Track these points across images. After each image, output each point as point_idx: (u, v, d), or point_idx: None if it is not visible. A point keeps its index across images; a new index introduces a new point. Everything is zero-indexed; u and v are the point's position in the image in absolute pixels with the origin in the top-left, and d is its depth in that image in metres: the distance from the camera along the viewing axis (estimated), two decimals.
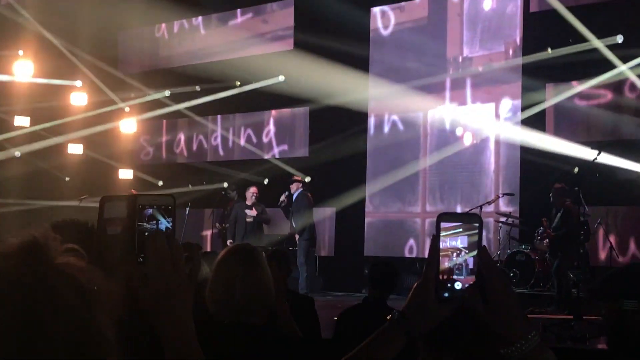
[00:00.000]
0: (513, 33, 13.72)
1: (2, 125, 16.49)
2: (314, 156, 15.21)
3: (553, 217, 11.28)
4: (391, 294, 5.34)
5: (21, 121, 16.31)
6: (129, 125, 17.14)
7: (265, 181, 15.51)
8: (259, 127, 16.79)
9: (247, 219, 13.50)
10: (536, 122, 13.00)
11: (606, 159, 11.03)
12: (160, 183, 17.18)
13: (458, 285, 1.46)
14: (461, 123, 14.02)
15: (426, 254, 1.51)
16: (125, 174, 17.15)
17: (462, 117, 14.03)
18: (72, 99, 16.58)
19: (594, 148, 10.30)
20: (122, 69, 18.06)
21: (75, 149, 17.00)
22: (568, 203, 10.97)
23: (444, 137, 14.25)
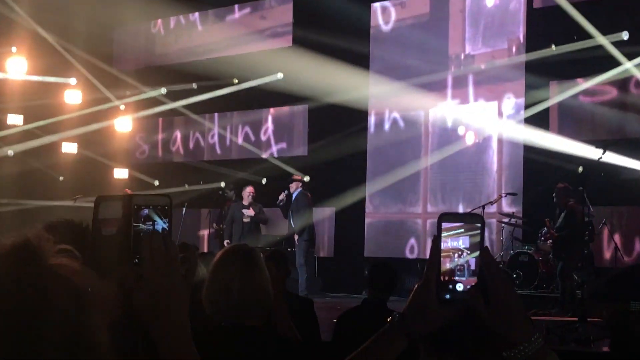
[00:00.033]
0: (516, 29, 13.72)
1: None
2: (313, 155, 15.20)
3: (557, 217, 11.27)
4: (391, 295, 5.34)
5: (14, 119, 16.30)
6: (124, 124, 17.13)
7: (264, 181, 15.51)
8: (257, 126, 16.79)
9: (244, 219, 13.47)
10: (540, 121, 13.00)
11: (611, 158, 11.04)
12: (156, 183, 17.17)
13: (460, 286, 1.46)
14: (463, 121, 14.02)
15: (427, 254, 1.51)
16: (121, 173, 17.14)
17: (464, 116, 14.03)
18: (67, 96, 16.57)
19: (598, 147, 10.29)
20: (118, 66, 18.05)
21: (70, 147, 16.99)
22: (572, 203, 10.96)
23: (445, 135, 14.25)
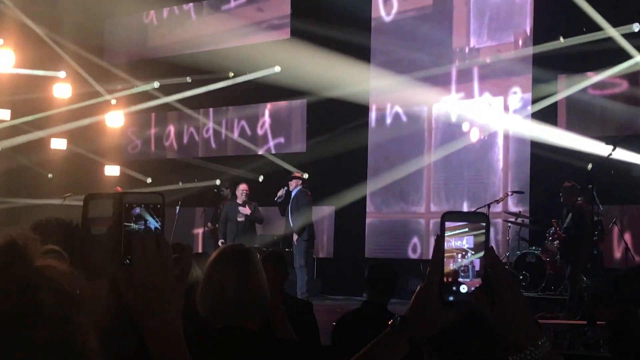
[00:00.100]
0: (523, 22, 13.71)
1: None
2: (311, 152, 15.20)
3: (564, 217, 11.26)
4: (392, 297, 5.34)
5: (1, 114, 16.28)
6: (115, 119, 17.12)
7: (260, 178, 15.51)
8: (254, 121, 16.79)
9: (239, 219, 13.40)
10: (547, 116, 13.00)
11: (621, 154, 11.04)
12: (149, 180, 17.17)
13: (464, 288, 1.46)
14: (468, 117, 14.01)
15: (430, 255, 1.51)
16: (112, 170, 17.15)
17: (468, 111, 14.03)
18: (56, 90, 16.55)
19: (608, 143, 10.30)
20: (109, 59, 18.04)
21: (59, 143, 16.98)
22: (579, 202, 10.95)
23: (449, 132, 14.24)
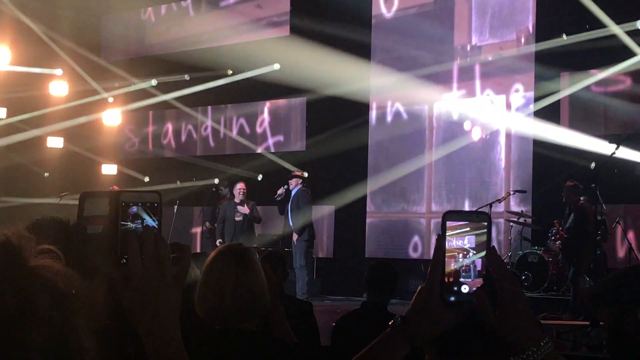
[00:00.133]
0: (525, 19, 13.71)
1: None
2: (311, 150, 15.19)
3: (566, 217, 11.26)
4: (391, 297, 5.34)
5: None
6: (112, 117, 17.12)
7: (259, 177, 15.50)
8: (253, 119, 16.78)
9: (236, 218, 13.38)
10: (550, 114, 12.99)
11: (625, 153, 11.03)
12: (147, 179, 17.16)
13: (465, 288, 1.45)
14: (469, 116, 14.01)
15: (431, 255, 1.50)
16: (109, 169, 17.15)
17: (470, 109, 14.02)
18: (52, 88, 16.56)
19: (612, 142, 10.29)
20: (106, 56, 18.04)
21: (55, 142, 16.98)
22: (582, 202, 10.94)
23: (450, 130, 14.24)
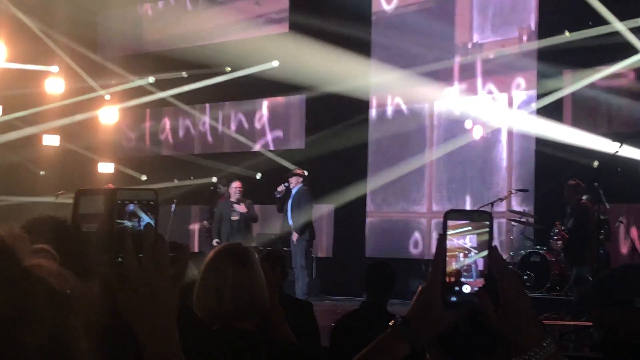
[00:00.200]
0: (527, 16, 13.70)
1: None
2: (310, 148, 15.19)
3: (568, 216, 11.26)
4: (390, 297, 5.34)
5: None
6: (109, 115, 17.11)
7: (258, 175, 15.50)
8: (251, 117, 16.78)
9: (233, 217, 13.35)
10: (553, 112, 12.99)
11: (628, 151, 11.03)
12: (144, 177, 17.16)
13: (467, 288, 1.45)
14: (471, 114, 14.00)
15: (432, 254, 1.50)
16: (106, 167, 17.14)
17: (472, 108, 14.02)
18: (48, 85, 16.55)
19: (615, 140, 10.29)
20: (102, 53, 18.03)
21: (51, 140, 16.97)
22: (583, 201, 10.94)
23: (452, 129, 14.23)
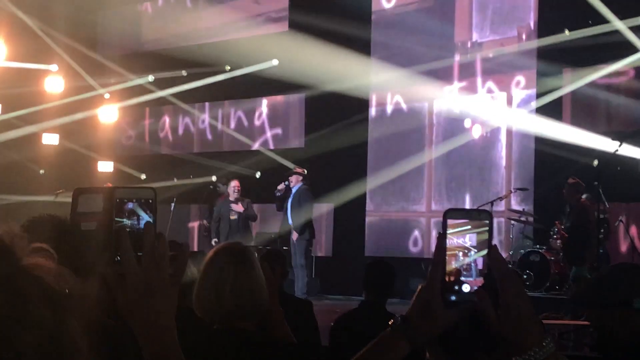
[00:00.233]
0: (527, 14, 13.70)
1: None
2: (310, 147, 15.19)
3: (567, 215, 11.26)
4: (389, 297, 5.34)
5: None
6: (109, 113, 17.11)
7: (257, 174, 15.50)
8: (251, 116, 16.77)
9: (231, 217, 13.35)
10: (552, 111, 12.99)
11: (628, 150, 11.03)
12: (143, 176, 17.15)
13: (466, 287, 1.45)
14: (470, 113, 14.00)
15: (432, 253, 1.50)
16: (105, 166, 17.13)
17: (471, 106, 14.02)
18: (47, 84, 16.54)
19: (615, 139, 10.28)
20: (102, 51, 18.02)
21: (51, 139, 16.97)
22: (583, 200, 10.94)
23: (451, 128, 14.23)
